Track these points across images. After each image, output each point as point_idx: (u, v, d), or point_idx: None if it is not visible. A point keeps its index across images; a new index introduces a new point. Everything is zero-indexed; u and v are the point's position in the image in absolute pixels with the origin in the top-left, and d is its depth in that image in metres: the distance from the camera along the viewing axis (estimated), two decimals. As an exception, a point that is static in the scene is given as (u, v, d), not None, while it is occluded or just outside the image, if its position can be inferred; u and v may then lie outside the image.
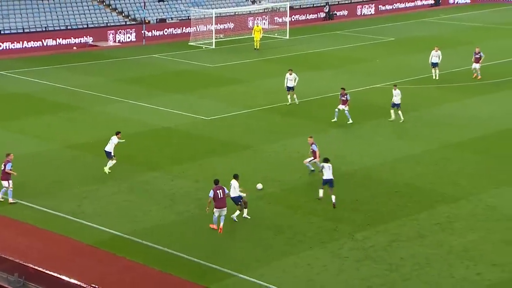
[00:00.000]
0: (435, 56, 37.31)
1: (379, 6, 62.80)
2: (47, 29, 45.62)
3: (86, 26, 47.46)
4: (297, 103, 32.79)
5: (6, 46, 42.40)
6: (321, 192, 22.12)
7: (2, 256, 16.63)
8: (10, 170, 21.48)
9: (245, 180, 23.86)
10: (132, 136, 28.28)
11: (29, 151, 26.14)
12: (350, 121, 29.87)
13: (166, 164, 25.24)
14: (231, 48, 46.56)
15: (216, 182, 19.90)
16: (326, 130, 29.47)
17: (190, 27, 49.73)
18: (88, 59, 42.50)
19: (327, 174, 21.78)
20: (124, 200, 22.16)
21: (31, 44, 43.89)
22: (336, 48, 46.82)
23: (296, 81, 32.68)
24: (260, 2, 55.94)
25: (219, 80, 37.62)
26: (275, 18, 54.79)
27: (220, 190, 19.69)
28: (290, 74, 32.77)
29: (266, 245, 19.39)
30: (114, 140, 24.17)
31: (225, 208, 19.74)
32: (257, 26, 47.52)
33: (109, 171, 23.97)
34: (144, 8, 49.96)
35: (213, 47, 46.50)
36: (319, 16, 58.82)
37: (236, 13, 53.03)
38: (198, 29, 49.54)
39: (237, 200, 20.51)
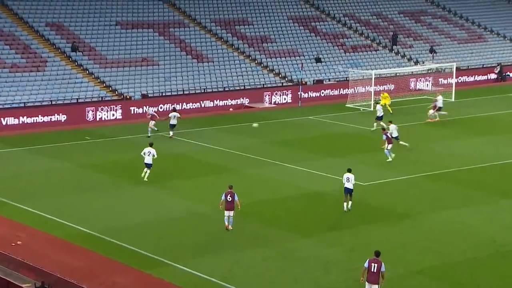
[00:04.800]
0: None
1: (559, 66, 59.92)
2: (205, 91, 48.28)
3: (243, 87, 49.63)
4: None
5: (167, 108, 45.36)
6: None
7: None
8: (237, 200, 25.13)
9: (403, 251, 23.38)
10: (285, 200, 28.81)
11: (182, 214, 27.39)
12: (390, 159, 33.30)
13: (319, 230, 25.36)
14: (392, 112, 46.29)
15: (377, 254, 19.44)
16: (494, 200, 28.28)
17: (348, 89, 50.31)
18: (244, 120, 44.16)
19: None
20: (275, 267, 22.47)
21: (190, 105, 46.58)
22: (509, 112, 45.05)
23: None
24: (423, 63, 55.53)
25: (377, 144, 37.50)
26: (440, 79, 53.99)
27: (376, 264, 19.21)
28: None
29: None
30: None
31: (377, 285, 19.11)
32: (384, 93, 46.67)
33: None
34: (302, 69, 51.42)
35: (372, 109, 46.56)
36: (489, 78, 57.14)
37: (397, 74, 52.94)
38: (356, 91, 49.99)
39: (349, 191, 26.71)
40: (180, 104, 45.85)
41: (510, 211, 27.28)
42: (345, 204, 27.03)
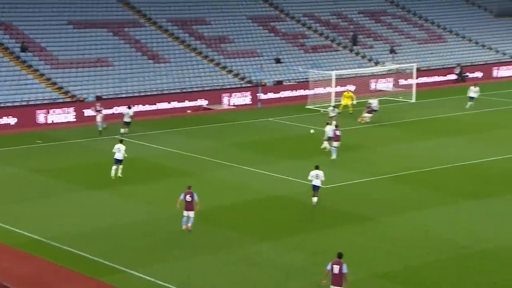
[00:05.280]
0: (474, 91, 46.43)
1: (518, 67, 61.18)
2: (162, 92, 47.91)
3: (201, 89, 49.42)
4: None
5: (122, 110, 44.84)
6: None
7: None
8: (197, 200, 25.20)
9: (366, 254, 23.49)
10: (245, 204, 28.75)
11: (138, 219, 27.10)
12: (334, 157, 33.91)
13: (281, 234, 25.34)
14: (352, 112, 46.62)
15: (339, 255, 19.76)
16: (456, 202, 28.66)
17: (308, 90, 50.52)
18: (202, 122, 43.98)
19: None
20: (235, 272, 22.36)
21: (146, 107, 46.14)
22: (468, 113, 45.81)
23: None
24: (384, 64, 56.11)
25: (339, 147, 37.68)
26: (400, 80, 54.61)
27: (338, 266, 19.52)
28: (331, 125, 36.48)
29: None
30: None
31: None
32: (348, 92, 47.11)
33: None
34: (261, 69, 51.44)
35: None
36: (449, 78, 58.01)
37: (358, 75, 53.37)
38: (317, 92, 50.23)
39: (317, 188, 27.57)
40: (136, 106, 45.37)
41: (471, 212, 27.68)
42: (313, 199, 27.83)
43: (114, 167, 31.39)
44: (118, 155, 31.35)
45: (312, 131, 38.72)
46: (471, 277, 21.95)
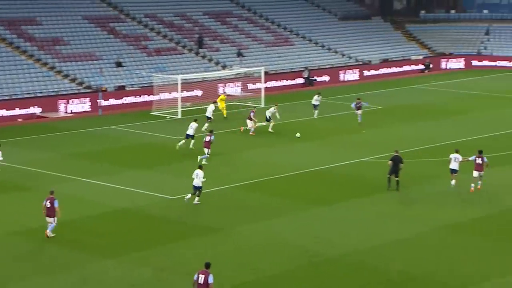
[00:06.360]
0: (316, 100, 47.41)
1: (364, 72, 64.31)
2: (-13, 99, 45.88)
3: (33, 95, 47.81)
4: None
5: None
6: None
7: None
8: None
9: (216, 267, 23.70)
10: (86, 219, 28.14)
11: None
12: (204, 161, 34.99)
13: (125, 250, 25.03)
14: (199, 118, 46.89)
15: (207, 265, 19.91)
16: (306, 209, 29.64)
17: (153, 95, 50.35)
18: (36, 132, 42.63)
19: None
20: (77, 294, 21.88)
21: (-31, 116, 44.05)
22: (317, 118, 47.53)
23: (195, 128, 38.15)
24: (231, 67, 57.02)
25: (186, 154, 37.84)
26: (248, 84, 55.74)
27: (203, 275, 19.58)
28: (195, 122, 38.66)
29: None
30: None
31: None
32: (223, 95, 47.93)
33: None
34: (100, 73, 50.61)
35: (179, 116, 46.97)
36: (297, 82, 59.95)
37: (205, 79, 53.89)
38: (162, 97, 50.16)
39: (197, 188, 29.06)
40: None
41: (320, 219, 28.65)
42: (190, 195, 29.43)
43: None
44: None
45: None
46: (323, 283, 22.74)
